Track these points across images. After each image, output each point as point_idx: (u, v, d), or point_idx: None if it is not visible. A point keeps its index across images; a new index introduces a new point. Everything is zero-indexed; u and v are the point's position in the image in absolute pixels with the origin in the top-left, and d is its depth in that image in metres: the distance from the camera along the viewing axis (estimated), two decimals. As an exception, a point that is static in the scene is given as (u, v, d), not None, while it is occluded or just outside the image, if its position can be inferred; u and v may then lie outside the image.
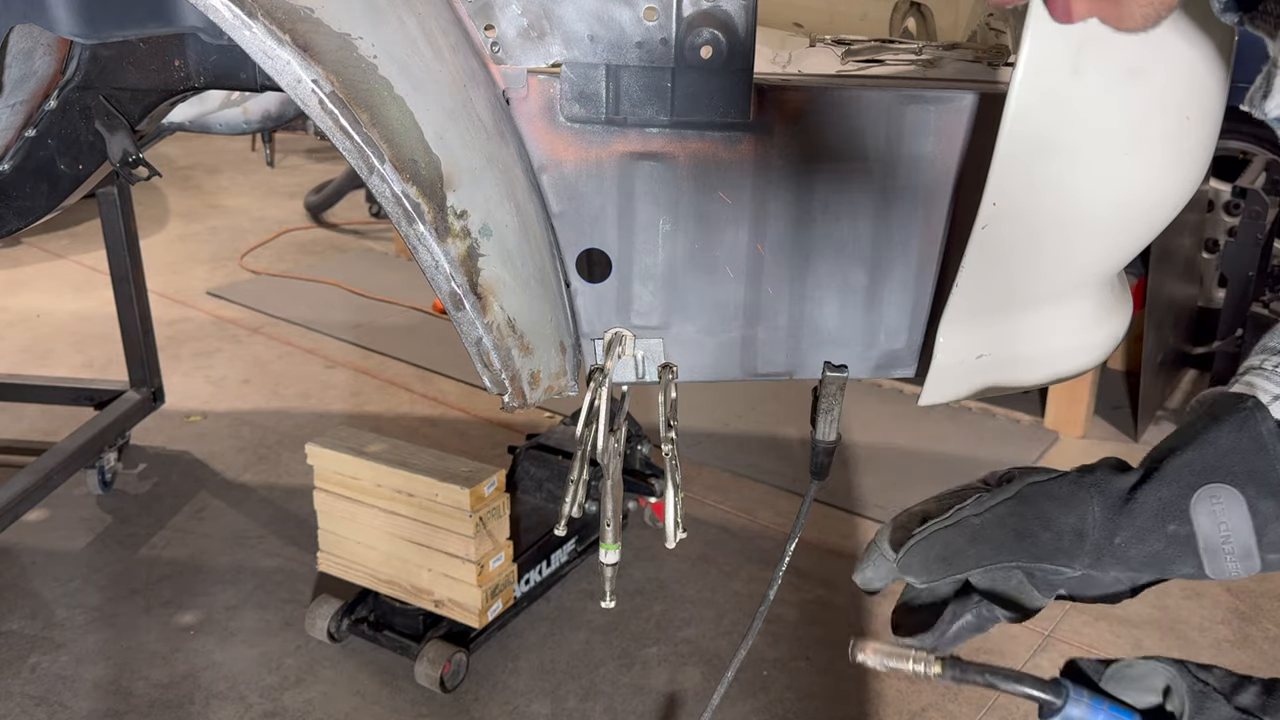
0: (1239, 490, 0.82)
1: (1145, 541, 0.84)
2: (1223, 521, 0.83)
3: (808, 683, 2.49)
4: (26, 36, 1.29)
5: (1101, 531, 0.84)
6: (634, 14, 1.09)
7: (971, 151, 1.17)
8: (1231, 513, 0.82)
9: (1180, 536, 0.83)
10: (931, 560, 0.85)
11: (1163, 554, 0.84)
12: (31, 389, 3.46)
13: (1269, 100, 0.74)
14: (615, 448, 1.19)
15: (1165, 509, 0.83)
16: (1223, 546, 0.83)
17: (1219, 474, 0.83)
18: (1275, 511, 0.82)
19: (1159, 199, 1.09)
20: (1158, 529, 0.83)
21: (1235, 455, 0.83)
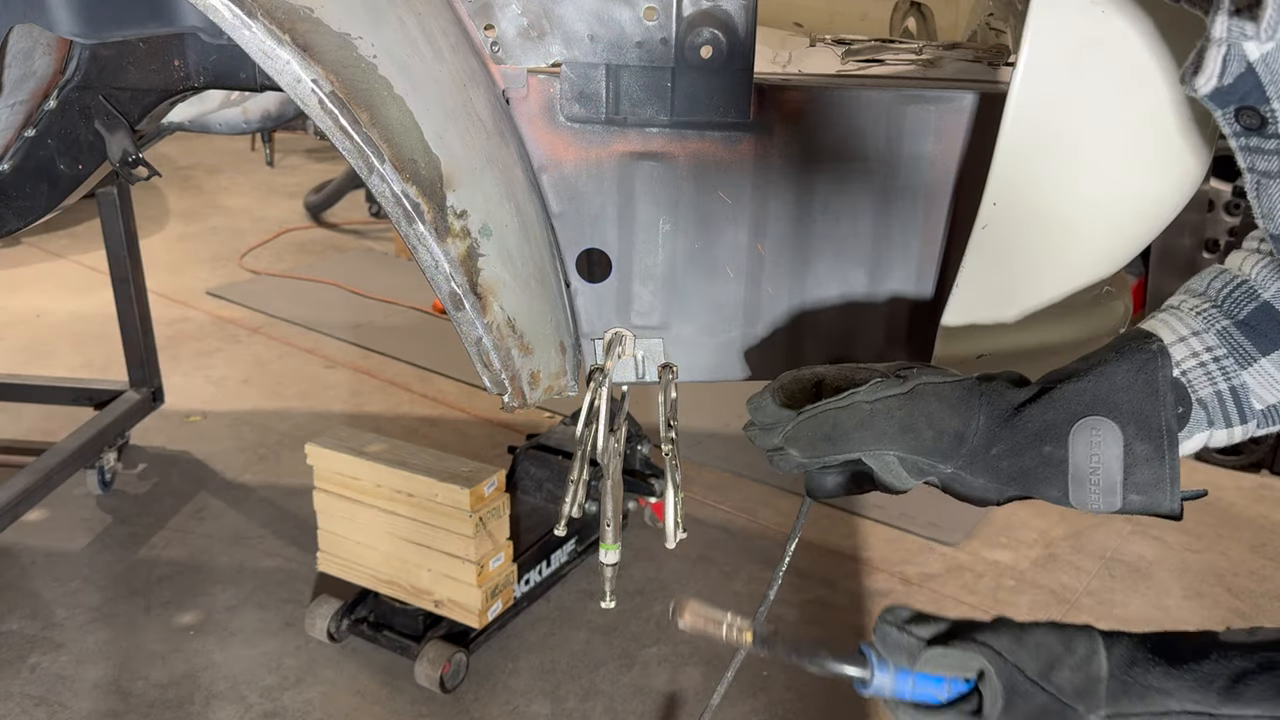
0: (1120, 428, 0.84)
1: (1019, 457, 0.86)
2: (1095, 454, 0.84)
3: (808, 683, 2.49)
4: (26, 36, 1.29)
5: (980, 439, 0.86)
6: (634, 14, 1.09)
7: (972, 151, 1.17)
8: (1106, 447, 0.84)
9: (1054, 459, 0.85)
10: (818, 438, 0.87)
11: (1033, 472, 0.86)
12: (31, 389, 3.46)
13: (1198, 77, 0.74)
14: (615, 448, 1.19)
15: (1046, 430, 0.85)
16: (1090, 477, 0.84)
17: (1105, 408, 0.84)
18: (1147, 454, 0.84)
19: (1159, 199, 1.09)
20: (1034, 448, 0.85)
21: (1126, 394, 0.85)
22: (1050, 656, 0.73)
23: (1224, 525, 3.22)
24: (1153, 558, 3.04)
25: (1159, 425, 0.84)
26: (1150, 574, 2.97)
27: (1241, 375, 0.88)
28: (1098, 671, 0.72)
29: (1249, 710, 0.66)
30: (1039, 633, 0.74)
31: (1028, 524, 3.18)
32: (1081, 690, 0.71)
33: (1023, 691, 0.72)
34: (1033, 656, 0.73)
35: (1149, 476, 0.84)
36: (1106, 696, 0.71)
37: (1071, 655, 0.73)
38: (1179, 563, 3.03)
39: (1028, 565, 2.98)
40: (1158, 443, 0.84)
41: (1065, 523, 3.19)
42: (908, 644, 0.76)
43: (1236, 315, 0.90)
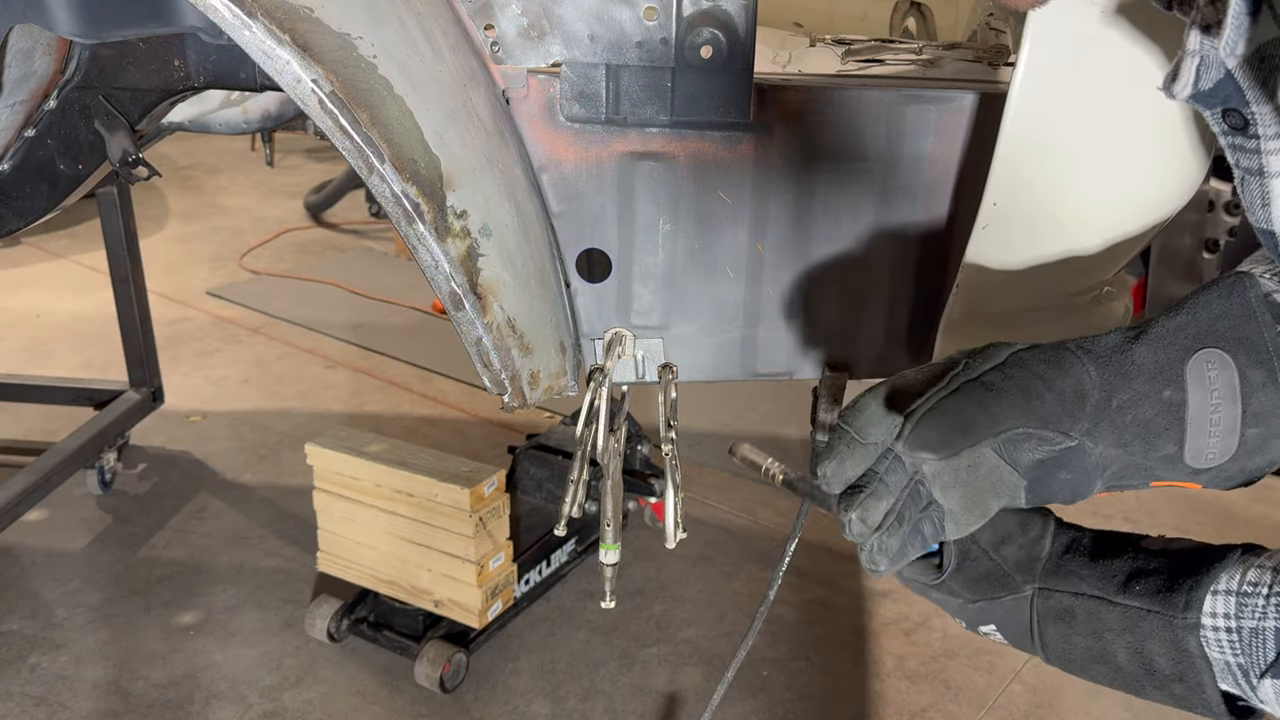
0: (1231, 357, 0.80)
1: (1140, 407, 0.81)
2: (1215, 388, 0.80)
3: (808, 683, 2.49)
4: (26, 36, 1.29)
5: (1100, 392, 0.80)
6: (634, 14, 1.09)
7: (972, 151, 1.17)
8: (1222, 379, 0.80)
9: (1173, 403, 0.80)
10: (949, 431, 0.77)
11: (1152, 423, 0.81)
12: (31, 389, 3.46)
13: (1175, 84, 0.78)
14: (615, 448, 1.19)
15: (1161, 371, 0.80)
16: (1210, 418, 0.80)
17: (1212, 338, 0.81)
18: (1261, 380, 0.80)
19: (1159, 198, 1.09)
20: (1154, 394, 0.80)
21: (1226, 320, 0.81)
22: (1004, 532, 0.85)
23: (1224, 525, 3.22)
24: (1153, 558, 3.04)
25: (1265, 347, 0.81)
26: (1150, 574, 2.97)
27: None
28: (1039, 552, 0.84)
29: (1134, 602, 0.79)
30: (1002, 513, 0.84)
31: (1028, 524, 3.17)
32: (1022, 565, 0.84)
33: (974, 557, 0.85)
34: (989, 531, 0.84)
35: (1266, 404, 0.80)
36: (1040, 573, 0.84)
37: (1023, 535, 0.85)
38: (1179, 563, 3.02)
39: (1028, 565, 2.98)
40: (1269, 366, 0.80)
41: (1065, 523, 3.19)
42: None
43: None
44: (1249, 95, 0.75)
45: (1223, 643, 0.75)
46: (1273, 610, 0.72)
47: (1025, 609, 0.84)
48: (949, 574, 0.85)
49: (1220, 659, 0.75)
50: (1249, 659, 0.73)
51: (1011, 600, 0.84)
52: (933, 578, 0.86)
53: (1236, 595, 0.74)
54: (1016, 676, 2.54)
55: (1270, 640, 0.72)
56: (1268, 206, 0.79)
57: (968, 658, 2.59)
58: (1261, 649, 0.72)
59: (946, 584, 0.86)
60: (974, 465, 0.79)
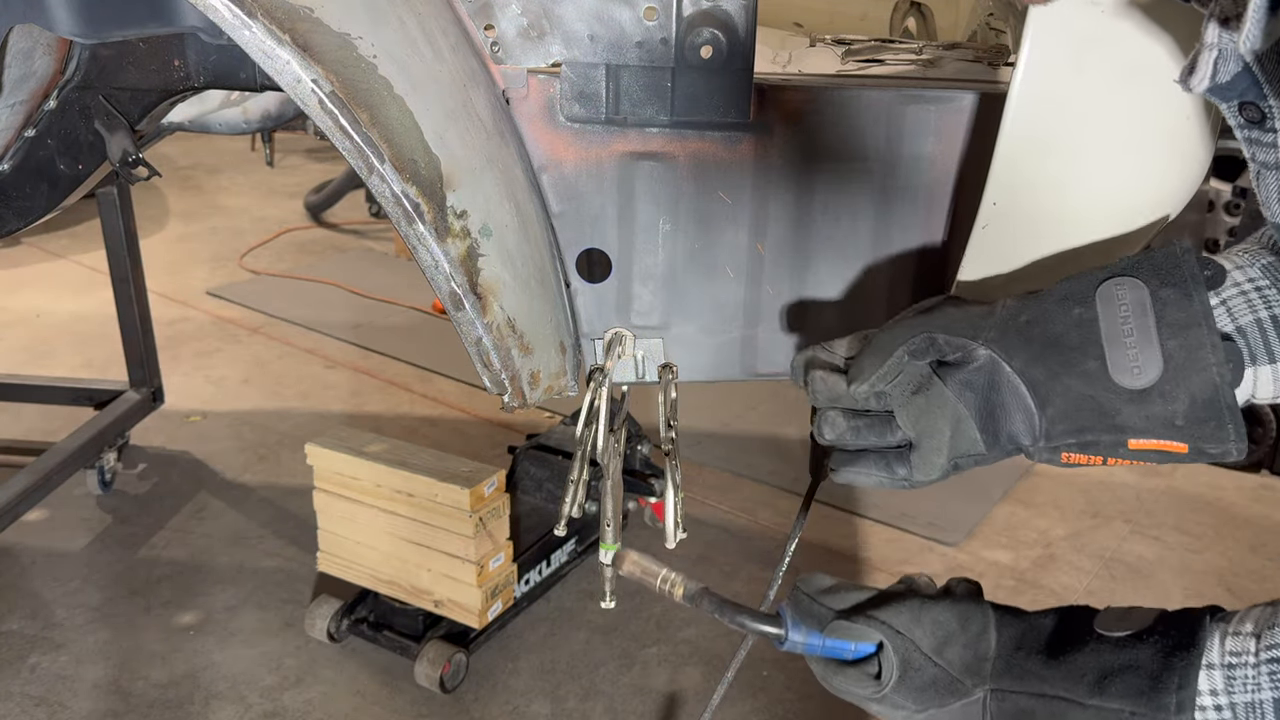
0: (1143, 281, 0.83)
1: (1049, 323, 0.84)
2: (1124, 304, 0.82)
3: (808, 683, 2.49)
4: (26, 36, 1.28)
5: (1008, 310, 0.86)
6: (634, 14, 1.09)
7: (972, 151, 1.17)
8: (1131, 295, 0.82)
9: (1084, 320, 0.83)
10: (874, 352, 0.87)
11: (1065, 338, 0.83)
12: (31, 389, 3.46)
13: (1192, 77, 0.77)
14: (615, 448, 1.19)
15: (1071, 295, 0.84)
16: (1122, 329, 0.82)
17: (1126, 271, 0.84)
18: (1174, 296, 0.81)
19: (1159, 198, 1.09)
20: (1063, 312, 0.84)
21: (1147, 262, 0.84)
22: (945, 634, 0.80)
23: (1224, 525, 3.22)
24: (1152, 558, 3.04)
25: (1183, 275, 0.82)
26: (1150, 574, 2.97)
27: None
28: (985, 651, 0.79)
29: (1111, 704, 0.73)
30: (937, 610, 0.82)
31: (1028, 524, 3.18)
32: (969, 666, 0.79)
33: (916, 665, 0.80)
34: (928, 633, 0.80)
35: (1180, 316, 0.81)
36: (991, 674, 0.79)
37: (965, 634, 0.80)
38: (1179, 563, 3.03)
39: (1028, 565, 2.98)
40: (1184, 287, 0.82)
41: (1065, 523, 3.19)
42: (819, 612, 0.85)
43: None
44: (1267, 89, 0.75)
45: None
46: (1265, 680, 0.69)
47: (977, 713, 0.79)
48: (891, 686, 0.80)
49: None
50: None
51: (961, 707, 0.79)
52: (873, 690, 0.82)
53: (1222, 669, 0.71)
54: (1016, 676, 2.53)
55: (1269, 713, 0.69)
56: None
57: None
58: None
59: (889, 697, 0.81)
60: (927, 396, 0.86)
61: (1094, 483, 3.40)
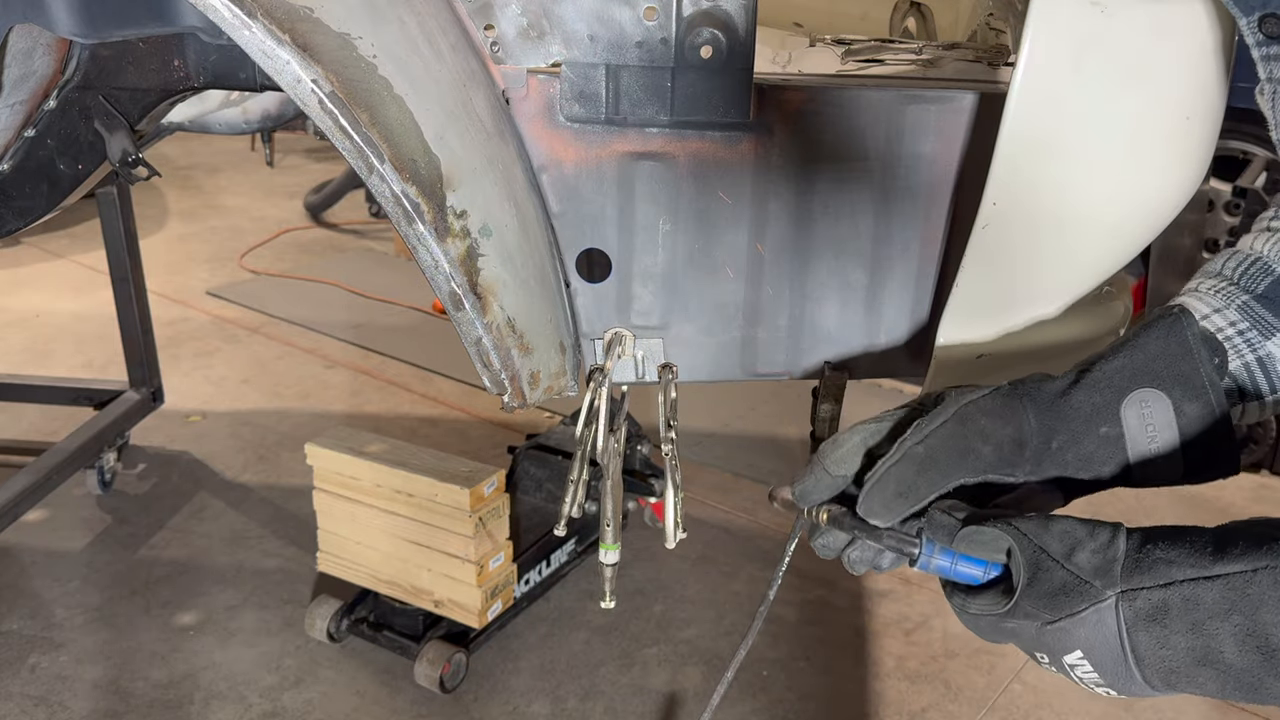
0: (1166, 394, 0.86)
1: (1079, 444, 0.87)
2: (1150, 424, 0.86)
3: (808, 683, 2.49)
4: (26, 36, 1.28)
5: (1039, 439, 0.87)
6: (634, 14, 1.09)
7: (972, 151, 1.17)
8: (1158, 415, 0.86)
9: (1111, 437, 0.86)
10: (890, 499, 0.86)
11: (1094, 455, 0.87)
12: (31, 389, 3.46)
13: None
14: (615, 448, 1.19)
15: (1097, 413, 0.86)
16: (1149, 447, 0.86)
17: (1147, 379, 0.86)
18: (1198, 413, 0.86)
19: (1159, 199, 1.09)
20: (1091, 432, 0.86)
21: (1163, 360, 0.86)
22: (1073, 540, 0.77)
23: (1224, 525, 3.22)
24: (1153, 558, 3.04)
25: (1200, 382, 0.86)
26: (1150, 574, 2.97)
27: (1266, 346, 0.91)
28: (1115, 554, 0.76)
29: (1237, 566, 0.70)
30: (1066, 521, 0.79)
31: (1028, 524, 3.17)
32: (1099, 569, 0.76)
33: (1046, 569, 0.77)
34: (1057, 539, 0.78)
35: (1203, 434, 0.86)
36: (1121, 574, 0.75)
37: (1094, 540, 0.77)
38: (1179, 563, 3.02)
39: (1028, 565, 2.98)
40: (1205, 399, 0.86)
41: (1065, 523, 3.19)
42: (948, 524, 0.82)
43: (1254, 290, 0.93)
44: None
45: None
46: None
47: (1111, 620, 0.75)
48: (1021, 590, 0.77)
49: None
50: None
51: (1093, 612, 0.75)
52: (1003, 604, 0.78)
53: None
54: (1016, 677, 2.54)
55: None
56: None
57: (968, 658, 2.59)
58: None
59: (1020, 605, 0.77)
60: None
61: (1094, 483, 3.40)
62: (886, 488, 0.86)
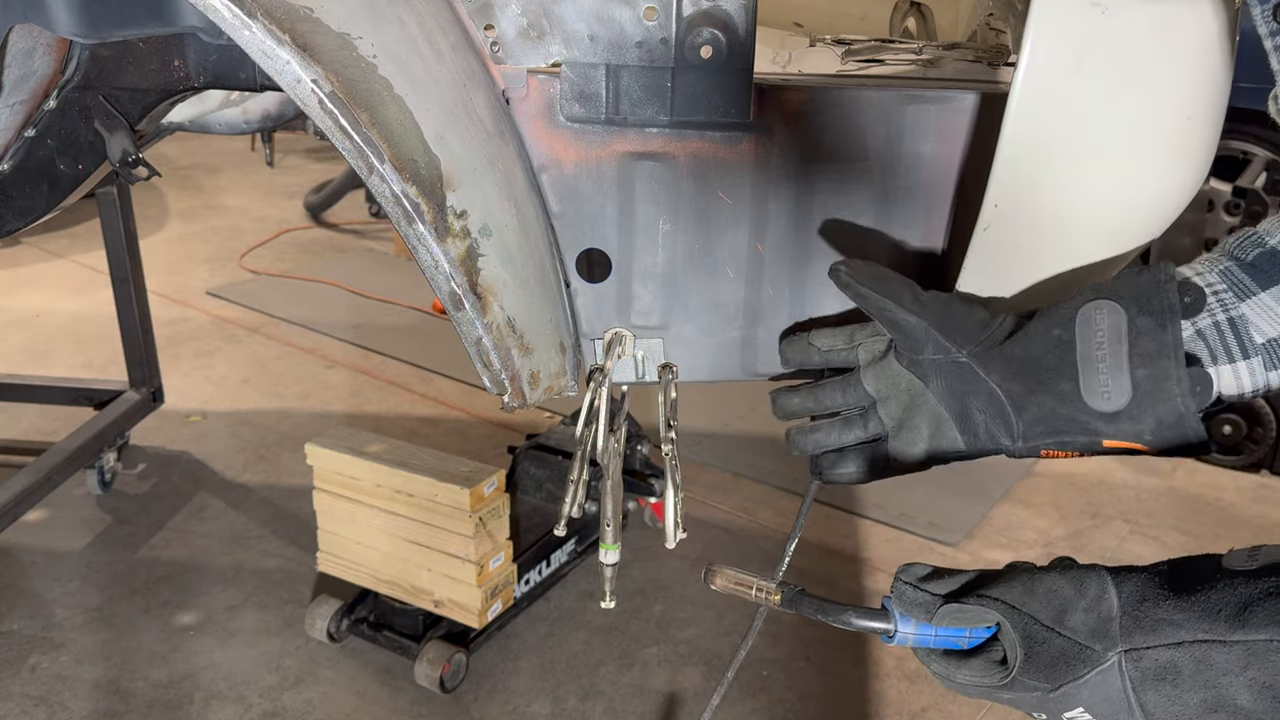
0: (1123, 307, 0.88)
1: (1030, 342, 0.91)
2: (1100, 329, 0.88)
3: (808, 683, 2.49)
4: (26, 36, 1.28)
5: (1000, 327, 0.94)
6: (634, 14, 1.09)
7: (972, 152, 1.17)
8: (1110, 324, 0.88)
9: (1062, 341, 0.89)
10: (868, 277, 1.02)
11: (1043, 359, 0.89)
12: (31, 389, 3.47)
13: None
14: (615, 448, 1.18)
15: (1055, 317, 0.91)
16: (1096, 353, 0.87)
17: (1108, 294, 0.90)
18: (1149, 327, 0.87)
19: (1160, 199, 1.09)
20: (1044, 333, 0.91)
21: (1129, 283, 0.90)
22: (1062, 602, 0.75)
23: (1224, 525, 3.22)
24: (1152, 558, 3.04)
25: (1161, 305, 0.87)
26: (1150, 574, 2.97)
27: (1240, 307, 0.90)
28: (1109, 611, 0.73)
29: (1258, 635, 0.68)
30: (1049, 579, 0.76)
31: (1028, 524, 3.18)
32: (1096, 630, 0.73)
33: (1040, 639, 0.74)
34: (1045, 604, 0.75)
35: (1152, 347, 0.86)
36: (1121, 633, 0.73)
37: (1083, 598, 0.74)
38: (1179, 563, 3.02)
39: (1028, 565, 2.98)
40: (1160, 317, 0.86)
41: (1065, 523, 3.19)
42: (924, 600, 0.78)
43: (1241, 258, 0.93)
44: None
45: None
46: None
47: (1115, 679, 0.72)
48: (1019, 666, 0.74)
49: None
50: None
51: (1096, 675, 0.73)
52: (1000, 677, 0.76)
53: None
54: (1016, 677, 2.54)
55: None
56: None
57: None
58: None
59: (1017, 680, 0.75)
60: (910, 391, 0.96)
61: (1094, 483, 3.40)
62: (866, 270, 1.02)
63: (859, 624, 0.80)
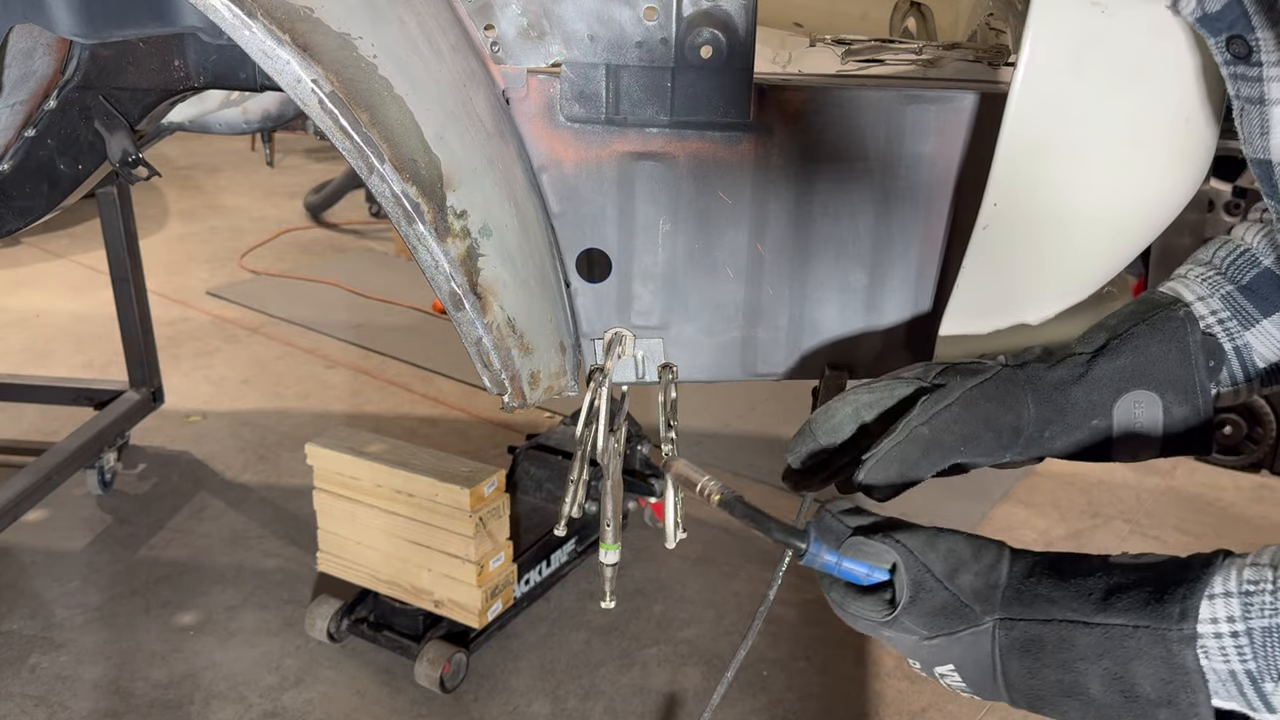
0: (1159, 396, 0.92)
1: (1070, 435, 0.94)
2: (1139, 422, 0.93)
3: (808, 683, 2.49)
4: (26, 36, 1.28)
5: (1035, 427, 0.93)
6: (634, 14, 1.09)
7: (972, 151, 1.17)
8: (1147, 413, 0.93)
9: (1100, 429, 0.93)
10: (893, 476, 0.90)
11: (1082, 443, 0.94)
12: (31, 389, 3.46)
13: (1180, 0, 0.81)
14: (615, 448, 1.19)
15: (1093, 407, 0.93)
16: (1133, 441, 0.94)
17: (1144, 380, 0.92)
18: (1184, 415, 0.93)
19: (1160, 199, 1.09)
20: (1084, 425, 0.93)
21: (1162, 364, 0.92)
22: (958, 560, 0.80)
23: (1224, 525, 3.22)
24: (1153, 558, 3.04)
25: (1193, 387, 0.92)
26: (1150, 574, 2.97)
27: (1245, 336, 0.96)
28: (998, 579, 0.78)
29: (1116, 620, 0.72)
30: (952, 539, 0.81)
31: (1028, 524, 3.18)
32: (980, 594, 0.78)
33: (928, 588, 0.79)
34: (942, 559, 0.80)
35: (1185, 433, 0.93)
36: (1001, 602, 0.77)
37: (977, 562, 0.80)
38: (1179, 563, 3.02)
39: (1028, 565, 2.98)
40: (1194, 403, 0.92)
41: (1065, 523, 3.19)
42: (838, 529, 0.84)
43: (1240, 281, 0.97)
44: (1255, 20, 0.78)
45: (1227, 650, 0.69)
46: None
47: (985, 644, 0.77)
48: (903, 607, 0.79)
49: (1224, 669, 0.69)
50: (1262, 662, 0.68)
51: (970, 634, 0.78)
52: (884, 614, 0.80)
53: (1239, 596, 0.69)
54: (1016, 676, 2.53)
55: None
56: (1266, 135, 0.82)
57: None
58: (1276, 649, 0.67)
59: (900, 619, 0.79)
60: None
61: (1094, 483, 3.41)
62: (890, 466, 0.89)
63: (778, 536, 0.85)
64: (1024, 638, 0.76)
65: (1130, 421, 0.92)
